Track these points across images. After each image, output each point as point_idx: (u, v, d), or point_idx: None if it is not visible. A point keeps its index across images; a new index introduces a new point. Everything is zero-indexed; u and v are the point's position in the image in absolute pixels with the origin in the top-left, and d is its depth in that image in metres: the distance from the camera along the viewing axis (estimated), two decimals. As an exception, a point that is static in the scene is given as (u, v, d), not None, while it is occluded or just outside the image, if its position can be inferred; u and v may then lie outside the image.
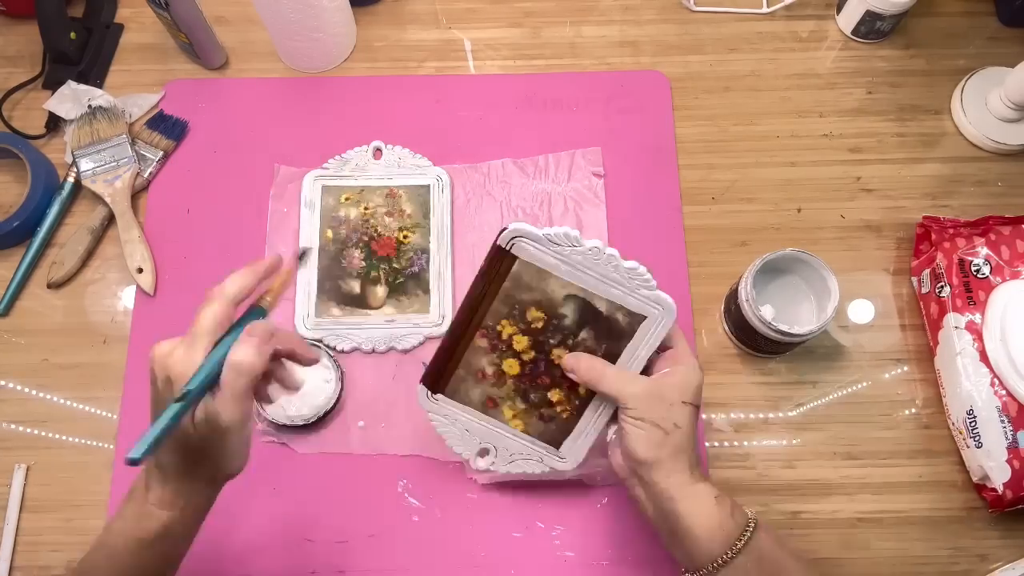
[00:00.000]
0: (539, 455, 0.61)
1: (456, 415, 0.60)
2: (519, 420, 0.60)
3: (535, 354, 0.58)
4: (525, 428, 0.60)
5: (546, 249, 0.55)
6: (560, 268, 0.56)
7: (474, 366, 0.59)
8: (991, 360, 0.64)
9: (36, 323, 0.72)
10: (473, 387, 0.60)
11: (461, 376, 0.59)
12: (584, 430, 0.60)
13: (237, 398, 0.46)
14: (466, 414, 0.60)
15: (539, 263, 0.55)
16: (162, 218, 0.75)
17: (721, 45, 0.83)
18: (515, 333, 0.58)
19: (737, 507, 0.53)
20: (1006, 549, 0.65)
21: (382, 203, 0.75)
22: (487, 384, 0.59)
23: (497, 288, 0.56)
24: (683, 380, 0.55)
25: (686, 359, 0.56)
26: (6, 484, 0.67)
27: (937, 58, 0.82)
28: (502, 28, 0.84)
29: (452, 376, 0.59)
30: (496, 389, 0.60)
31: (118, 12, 0.85)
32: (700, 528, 0.51)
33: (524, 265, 0.55)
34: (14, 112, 0.80)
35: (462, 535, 0.65)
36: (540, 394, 0.59)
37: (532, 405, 0.60)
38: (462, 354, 0.59)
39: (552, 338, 0.58)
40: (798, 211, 0.76)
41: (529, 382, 0.59)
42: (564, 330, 0.57)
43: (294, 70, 0.82)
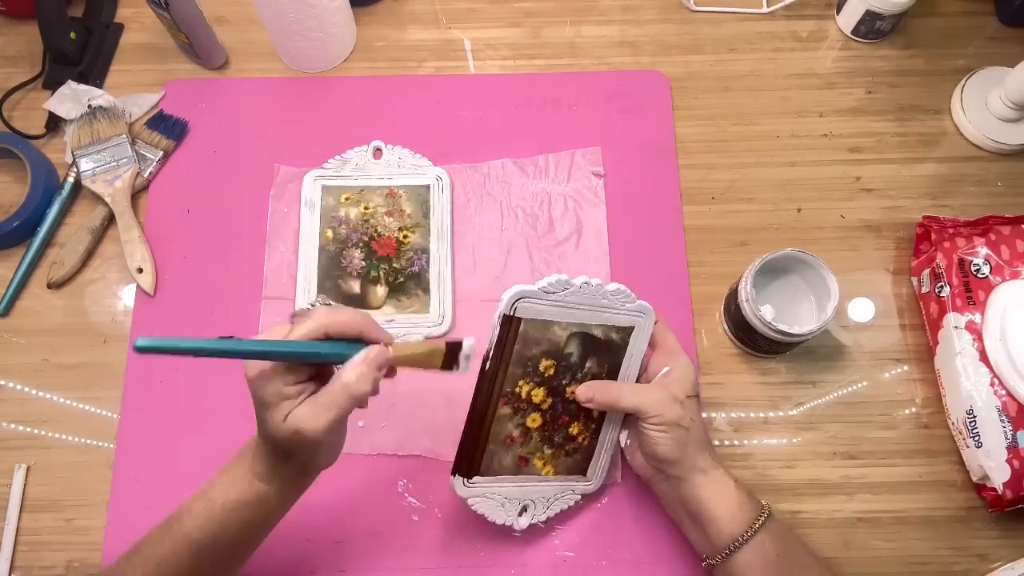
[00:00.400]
0: (570, 488, 0.63)
1: (494, 489, 0.61)
2: (548, 466, 0.62)
3: (552, 400, 0.60)
4: (556, 470, 0.62)
5: (544, 300, 0.57)
6: (559, 313, 0.58)
7: (502, 435, 0.60)
8: (991, 360, 0.64)
9: (36, 323, 0.72)
10: (504, 455, 0.60)
11: (492, 450, 0.60)
12: (603, 446, 0.63)
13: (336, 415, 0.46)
14: (501, 484, 0.61)
15: (541, 316, 0.57)
16: (162, 218, 0.75)
17: (721, 45, 0.83)
18: (532, 388, 0.59)
19: (753, 494, 0.57)
20: (1006, 549, 0.65)
21: (382, 203, 0.75)
22: (516, 446, 0.60)
23: (510, 354, 0.57)
24: (683, 376, 0.59)
25: (677, 354, 0.60)
26: (6, 484, 0.67)
27: (937, 58, 0.82)
28: (502, 28, 0.84)
29: (483, 455, 0.59)
30: (524, 448, 0.61)
31: (118, 12, 0.85)
32: (722, 511, 0.55)
33: (529, 323, 0.57)
34: (14, 112, 0.80)
35: (462, 535, 0.65)
36: (563, 433, 0.62)
37: (558, 447, 0.62)
38: (488, 430, 0.59)
39: (564, 378, 0.60)
40: (798, 211, 0.76)
41: (552, 428, 0.61)
42: (572, 367, 0.60)
43: (294, 70, 0.82)
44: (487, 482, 0.60)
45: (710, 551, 0.57)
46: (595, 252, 0.73)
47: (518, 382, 0.58)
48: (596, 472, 0.64)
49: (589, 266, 0.73)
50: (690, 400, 0.58)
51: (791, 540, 0.57)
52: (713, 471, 0.57)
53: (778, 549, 0.55)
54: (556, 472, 0.62)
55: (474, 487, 0.60)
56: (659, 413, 0.56)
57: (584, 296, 0.58)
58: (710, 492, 0.56)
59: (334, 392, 0.46)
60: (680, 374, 0.59)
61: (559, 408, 0.61)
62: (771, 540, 0.55)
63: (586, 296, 0.58)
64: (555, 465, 0.62)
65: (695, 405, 0.59)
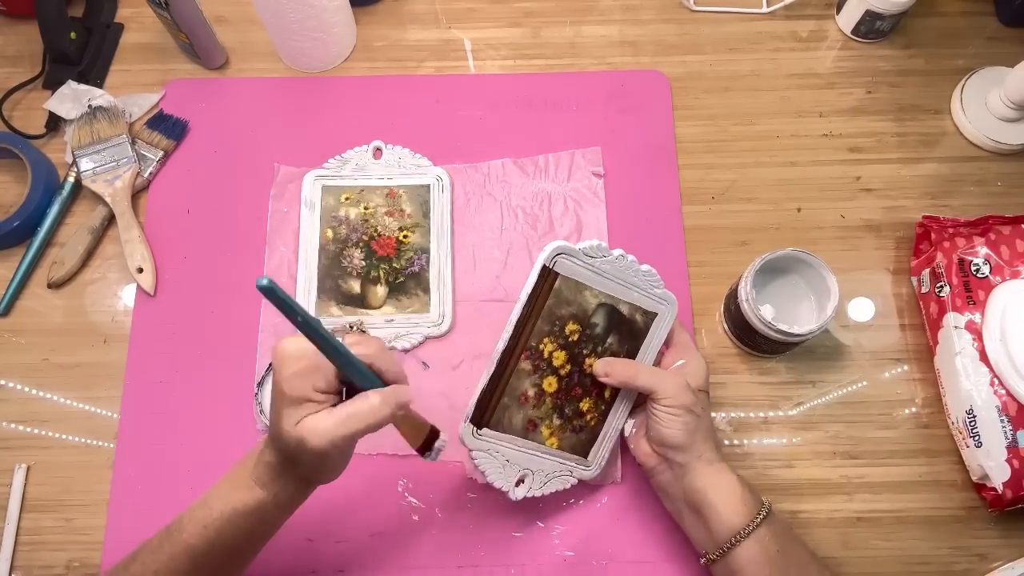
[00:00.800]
0: (569, 469, 0.63)
1: (498, 447, 0.61)
2: (554, 437, 0.62)
3: (571, 367, 0.61)
4: (560, 444, 0.62)
5: (582, 262, 0.59)
6: (593, 279, 0.60)
7: (518, 391, 0.60)
8: (991, 360, 0.64)
9: (36, 323, 0.72)
10: (516, 413, 0.61)
11: (505, 404, 0.60)
12: (607, 433, 0.64)
13: (347, 433, 0.46)
14: (507, 444, 0.61)
15: (577, 276, 0.60)
16: (162, 218, 0.75)
17: (721, 45, 0.83)
18: (555, 350, 0.61)
19: (754, 489, 0.58)
20: (1006, 548, 0.65)
21: (382, 203, 0.75)
22: (528, 407, 0.61)
23: (541, 307, 0.59)
24: (696, 369, 0.62)
25: (693, 351, 0.63)
26: (6, 484, 0.67)
27: (937, 58, 0.82)
28: (502, 28, 0.84)
29: (496, 407, 0.60)
30: (536, 410, 0.61)
31: (118, 12, 0.85)
32: (725, 503, 0.56)
33: (564, 281, 0.59)
34: (14, 112, 0.80)
35: (462, 535, 0.65)
36: (574, 406, 0.62)
37: (566, 419, 0.62)
38: (507, 382, 0.60)
39: (585, 348, 0.61)
40: (798, 211, 0.76)
41: (565, 397, 0.62)
42: (595, 339, 0.61)
43: (294, 70, 0.82)
44: (494, 437, 0.60)
45: (710, 545, 0.57)
46: (595, 252, 0.73)
47: (543, 339, 0.60)
48: (596, 459, 0.64)
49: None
50: (702, 393, 0.60)
51: (791, 538, 0.57)
52: (717, 463, 0.58)
53: (778, 545, 0.55)
54: (560, 446, 0.62)
55: (481, 439, 0.60)
56: (672, 395, 0.58)
57: (618, 268, 0.61)
58: (713, 482, 0.57)
59: (355, 409, 0.47)
60: (694, 368, 0.62)
61: (575, 379, 0.62)
62: (772, 536, 0.55)
63: (620, 269, 0.61)
64: (560, 439, 0.62)
65: (705, 399, 0.61)
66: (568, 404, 0.62)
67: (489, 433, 0.60)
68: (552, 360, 0.61)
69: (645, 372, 0.60)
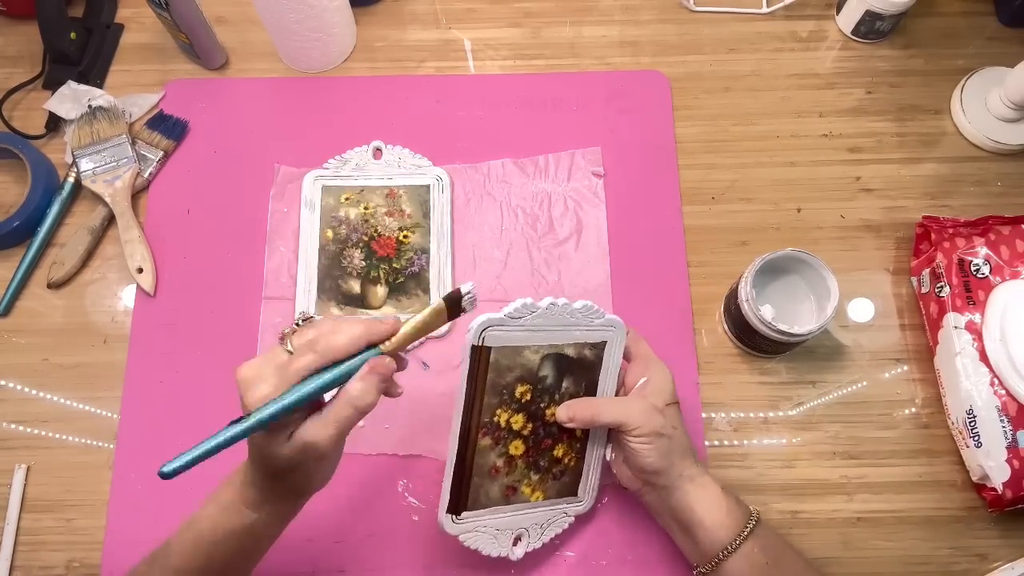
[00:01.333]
0: (562, 511, 0.63)
1: (483, 523, 0.60)
2: (538, 492, 0.61)
3: (532, 425, 0.59)
4: (545, 495, 0.62)
5: (512, 326, 0.56)
6: (529, 337, 0.57)
7: (486, 467, 0.59)
8: (991, 360, 0.64)
9: (36, 323, 0.72)
10: (490, 486, 0.59)
11: (477, 483, 0.59)
12: (591, 465, 0.63)
13: (342, 429, 0.46)
14: (492, 516, 0.60)
15: (511, 342, 0.56)
16: (162, 218, 0.75)
17: (721, 45, 0.83)
18: (511, 416, 0.58)
19: (741, 501, 0.57)
20: (1006, 549, 0.65)
21: (382, 203, 0.75)
22: (502, 476, 0.59)
23: (483, 384, 0.56)
24: (660, 385, 0.59)
25: (654, 363, 0.60)
26: (6, 484, 0.67)
27: (937, 58, 0.82)
28: (502, 28, 0.84)
29: (469, 489, 0.58)
30: (510, 476, 0.60)
31: (118, 12, 0.85)
32: (711, 518, 0.55)
33: (499, 351, 0.56)
34: (14, 112, 0.80)
35: (462, 535, 0.65)
36: (547, 457, 0.61)
37: (544, 471, 0.61)
38: (471, 463, 0.58)
39: (541, 402, 0.59)
40: (798, 211, 0.76)
41: (535, 452, 0.60)
42: (549, 390, 0.59)
43: (294, 70, 0.82)
44: (476, 516, 0.59)
45: (700, 559, 0.56)
46: (595, 252, 0.73)
47: (495, 411, 0.57)
48: (587, 491, 0.63)
49: (589, 266, 0.73)
50: (670, 408, 0.58)
51: (781, 546, 0.56)
52: (700, 478, 0.57)
53: (768, 557, 0.54)
54: (546, 496, 0.61)
55: (463, 523, 0.59)
56: (639, 424, 0.56)
57: (552, 317, 0.57)
58: (698, 498, 0.56)
59: (339, 407, 0.46)
60: (658, 384, 0.59)
61: (540, 432, 0.60)
62: (760, 547, 0.54)
63: (554, 317, 0.57)
64: (544, 490, 0.61)
65: (675, 412, 0.58)
66: (541, 457, 0.60)
67: (470, 514, 0.59)
68: (511, 426, 0.59)
69: (607, 407, 0.58)
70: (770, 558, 0.54)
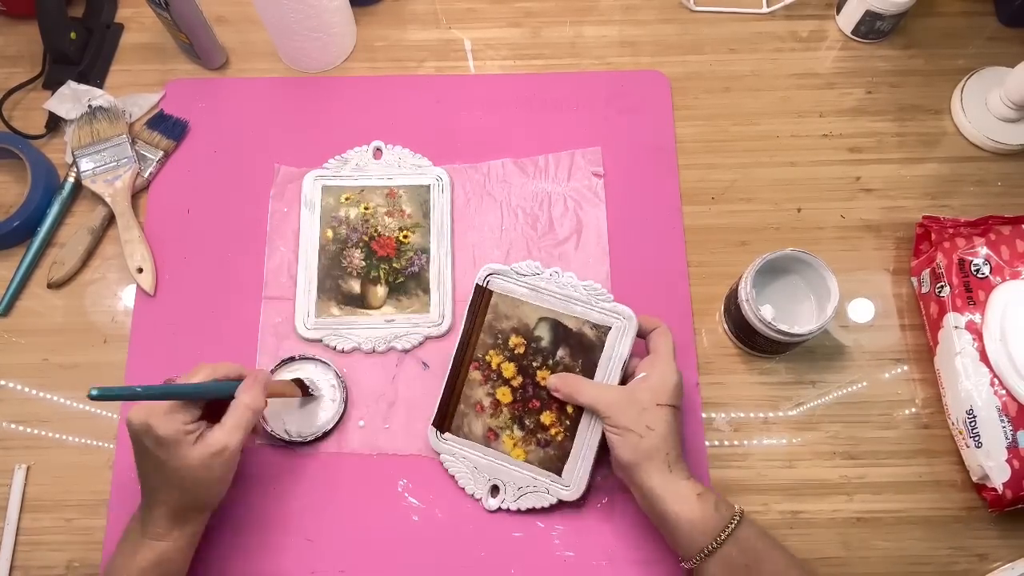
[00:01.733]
0: (545, 486, 0.64)
1: (464, 452, 0.65)
2: (520, 449, 0.64)
3: (523, 379, 0.64)
4: (527, 457, 0.64)
5: (515, 280, 0.66)
6: (530, 295, 0.65)
7: (472, 399, 0.65)
8: (991, 360, 0.64)
9: (36, 323, 0.72)
10: (474, 421, 0.65)
11: (463, 411, 0.65)
12: (580, 452, 0.63)
13: (244, 430, 0.56)
14: (472, 450, 0.65)
15: (512, 293, 0.65)
16: (162, 218, 0.75)
17: (721, 45, 0.83)
18: (503, 362, 0.65)
19: (723, 502, 0.56)
20: (1006, 549, 0.65)
21: (382, 203, 0.75)
22: (486, 416, 0.64)
23: (482, 322, 0.65)
24: (658, 383, 0.59)
25: (662, 362, 0.60)
26: (6, 484, 0.67)
27: (937, 58, 0.82)
28: (502, 28, 0.84)
29: (455, 413, 0.65)
30: (494, 420, 0.64)
31: (118, 12, 0.85)
32: (684, 523, 0.55)
33: (500, 297, 0.66)
34: (14, 112, 0.80)
35: (462, 535, 0.65)
36: (533, 419, 0.64)
37: (529, 431, 0.64)
38: (460, 390, 0.66)
39: (534, 361, 0.64)
40: (798, 211, 0.76)
41: (522, 408, 0.64)
42: (543, 352, 0.64)
43: (294, 70, 0.82)
44: (458, 442, 0.65)
45: (682, 556, 0.57)
46: (595, 252, 0.73)
47: (488, 351, 0.65)
48: (574, 478, 0.63)
49: (589, 266, 0.73)
50: (661, 409, 0.57)
51: (763, 548, 0.55)
52: (672, 484, 0.56)
53: (747, 559, 0.54)
54: (527, 459, 0.64)
55: (445, 442, 0.65)
56: (610, 414, 0.58)
57: (556, 285, 0.65)
58: (668, 505, 0.56)
59: (238, 412, 0.56)
60: (656, 381, 0.59)
61: (530, 391, 0.64)
62: (739, 551, 0.54)
63: (558, 285, 0.65)
64: (527, 451, 0.64)
65: (666, 415, 0.57)
66: (527, 416, 0.64)
67: (452, 438, 0.65)
68: (502, 371, 0.65)
69: (587, 388, 0.61)
70: (750, 560, 0.54)
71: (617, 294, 0.71)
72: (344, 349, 0.70)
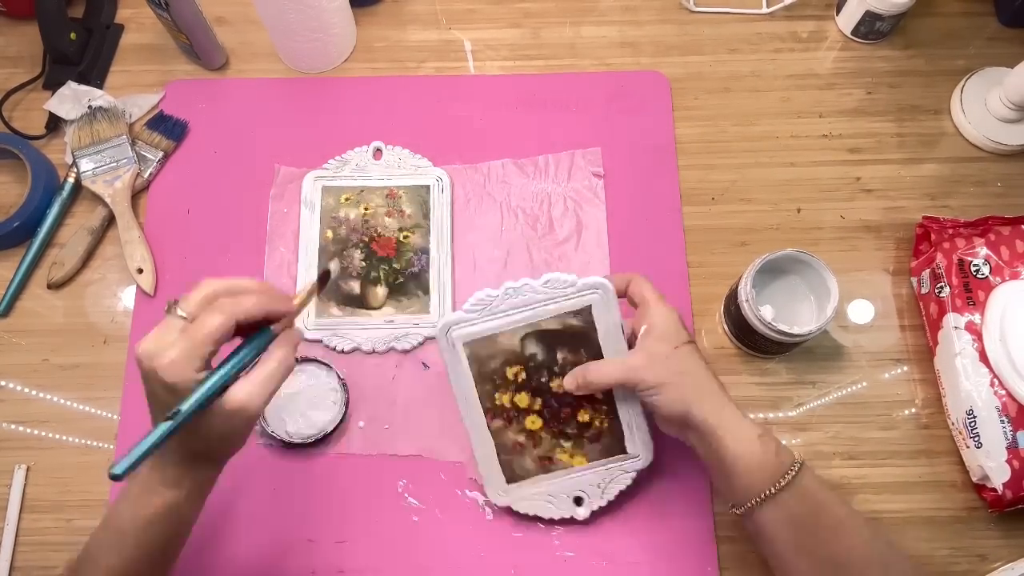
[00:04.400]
0: (619, 468, 0.63)
1: (532, 491, 0.63)
2: (579, 456, 0.63)
3: (541, 399, 0.61)
4: (588, 459, 0.63)
5: (475, 320, 0.59)
6: (498, 324, 0.60)
7: (508, 444, 0.62)
8: (991, 360, 0.64)
9: (36, 323, 0.72)
10: (522, 460, 0.63)
11: (506, 459, 0.63)
12: (631, 421, 0.62)
13: (274, 388, 0.47)
14: (538, 485, 0.63)
15: (481, 334, 0.60)
16: (162, 218, 0.75)
17: (721, 45, 0.83)
18: (513, 395, 0.62)
19: (785, 448, 0.54)
20: (1006, 549, 0.65)
21: (382, 203, 0.75)
22: (529, 450, 0.62)
23: (470, 378, 0.61)
24: (663, 328, 0.56)
25: (655, 307, 0.57)
26: (6, 484, 0.67)
27: (937, 58, 0.82)
28: (502, 28, 0.84)
29: (502, 465, 0.63)
30: (540, 449, 0.62)
31: (118, 12, 0.85)
32: (743, 465, 0.53)
33: (473, 344, 0.60)
34: (14, 112, 0.80)
35: (462, 535, 0.65)
36: (573, 425, 0.62)
37: (575, 437, 0.62)
38: (494, 443, 0.62)
39: (542, 377, 0.61)
40: (798, 211, 0.76)
41: (556, 423, 0.62)
42: (546, 364, 0.61)
43: (294, 70, 0.82)
44: (520, 487, 0.63)
45: (735, 501, 0.55)
46: (595, 252, 0.73)
47: (494, 395, 0.61)
48: (638, 446, 0.62)
49: (589, 266, 0.73)
50: (680, 350, 0.55)
51: (824, 500, 0.53)
52: (731, 421, 0.54)
53: (806, 507, 0.52)
54: (589, 459, 0.63)
55: (511, 493, 0.63)
56: (639, 379, 0.55)
57: (517, 298, 0.59)
58: (727, 444, 0.53)
59: (269, 369, 0.47)
60: (661, 327, 0.56)
61: (554, 404, 0.62)
62: (798, 499, 0.52)
63: (519, 297, 0.59)
64: (584, 454, 0.63)
65: (687, 353, 0.55)
66: (566, 426, 0.62)
67: (514, 486, 0.63)
68: (518, 404, 0.62)
69: (602, 371, 0.58)
70: (809, 508, 0.52)
71: (617, 294, 0.72)
72: (344, 350, 0.70)
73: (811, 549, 0.52)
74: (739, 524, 0.62)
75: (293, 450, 0.67)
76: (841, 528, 0.52)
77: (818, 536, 0.52)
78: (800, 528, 0.52)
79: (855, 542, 0.52)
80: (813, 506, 0.53)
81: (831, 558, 0.52)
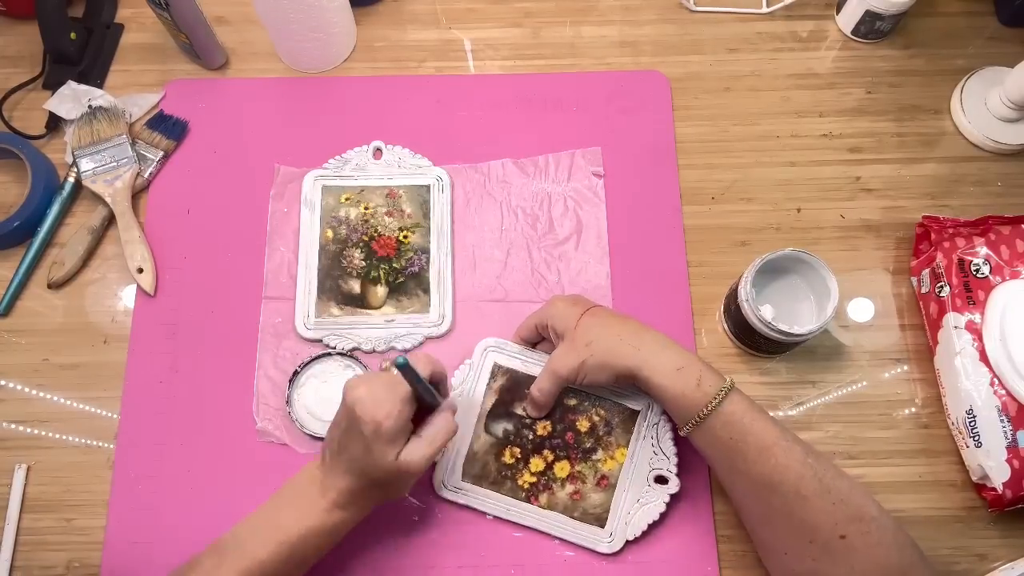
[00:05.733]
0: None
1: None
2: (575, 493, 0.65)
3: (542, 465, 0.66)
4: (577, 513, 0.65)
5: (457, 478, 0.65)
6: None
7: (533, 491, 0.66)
8: (991, 360, 0.64)
9: (36, 323, 0.72)
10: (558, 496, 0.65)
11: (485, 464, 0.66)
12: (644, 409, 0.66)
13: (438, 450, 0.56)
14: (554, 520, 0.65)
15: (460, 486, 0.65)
16: (162, 218, 0.75)
17: (721, 45, 0.83)
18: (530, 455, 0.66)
19: (710, 376, 0.57)
20: (1006, 548, 0.65)
21: (382, 203, 0.75)
22: (556, 489, 0.65)
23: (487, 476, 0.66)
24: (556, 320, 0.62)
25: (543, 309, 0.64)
26: (6, 484, 0.67)
27: (937, 58, 0.82)
28: (502, 28, 0.84)
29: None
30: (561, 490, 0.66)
31: (118, 12, 0.85)
32: (669, 395, 0.58)
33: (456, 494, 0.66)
34: (14, 112, 0.80)
35: (462, 535, 0.65)
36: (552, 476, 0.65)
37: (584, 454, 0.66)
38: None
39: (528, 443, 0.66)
40: (798, 211, 0.76)
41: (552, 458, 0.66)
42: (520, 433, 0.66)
43: (294, 70, 0.82)
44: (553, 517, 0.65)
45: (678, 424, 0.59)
46: (595, 252, 0.73)
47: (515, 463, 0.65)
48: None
49: (589, 266, 0.73)
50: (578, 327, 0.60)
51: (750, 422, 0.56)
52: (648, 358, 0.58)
53: (732, 433, 0.56)
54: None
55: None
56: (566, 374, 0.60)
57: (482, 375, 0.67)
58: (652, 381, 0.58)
59: (436, 431, 0.56)
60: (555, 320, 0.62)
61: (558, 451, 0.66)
62: (722, 424, 0.56)
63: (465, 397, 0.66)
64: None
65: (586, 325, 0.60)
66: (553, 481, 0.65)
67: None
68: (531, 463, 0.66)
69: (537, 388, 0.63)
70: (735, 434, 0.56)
71: (617, 294, 0.72)
72: (344, 349, 0.70)
73: (743, 470, 0.56)
74: (739, 523, 0.62)
75: (294, 449, 0.67)
76: (771, 450, 0.55)
77: (748, 457, 0.55)
78: (730, 451, 0.56)
79: (787, 461, 0.54)
80: (739, 430, 0.56)
81: (763, 476, 0.55)
